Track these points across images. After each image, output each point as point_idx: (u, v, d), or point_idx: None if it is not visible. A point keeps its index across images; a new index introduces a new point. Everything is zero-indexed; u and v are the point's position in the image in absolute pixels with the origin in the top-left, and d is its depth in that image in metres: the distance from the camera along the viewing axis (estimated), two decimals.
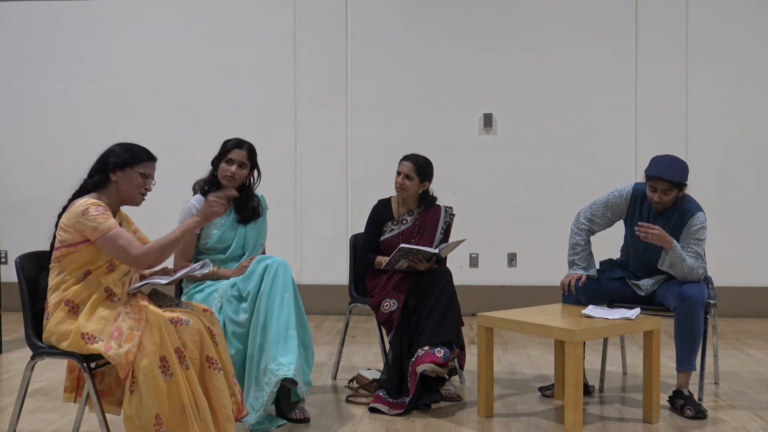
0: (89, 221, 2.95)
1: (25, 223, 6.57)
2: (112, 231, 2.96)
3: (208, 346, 3.03)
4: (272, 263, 3.59)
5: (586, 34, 6.52)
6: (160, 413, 2.85)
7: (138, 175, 3.10)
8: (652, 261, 4.01)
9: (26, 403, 3.66)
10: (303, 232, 6.70)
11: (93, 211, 2.96)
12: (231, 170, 3.79)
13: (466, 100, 6.60)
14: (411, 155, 4.24)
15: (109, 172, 3.08)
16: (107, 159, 3.09)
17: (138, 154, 3.12)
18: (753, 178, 6.45)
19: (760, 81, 6.44)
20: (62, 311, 2.98)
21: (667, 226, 3.93)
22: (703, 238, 3.91)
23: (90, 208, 2.96)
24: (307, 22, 6.67)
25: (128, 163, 3.09)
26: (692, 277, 3.86)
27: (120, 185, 3.09)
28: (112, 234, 2.96)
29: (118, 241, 2.96)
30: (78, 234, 2.98)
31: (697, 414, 3.72)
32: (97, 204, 2.99)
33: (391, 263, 4.05)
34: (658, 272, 4.04)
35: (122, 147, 3.13)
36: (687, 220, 3.91)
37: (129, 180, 3.09)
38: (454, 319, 3.95)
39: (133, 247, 2.97)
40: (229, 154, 3.82)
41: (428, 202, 4.27)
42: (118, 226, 2.99)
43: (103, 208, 2.99)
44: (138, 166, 3.10)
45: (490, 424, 3.68)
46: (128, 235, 2.99)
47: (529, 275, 6.55)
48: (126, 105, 6.77)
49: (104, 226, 2.95)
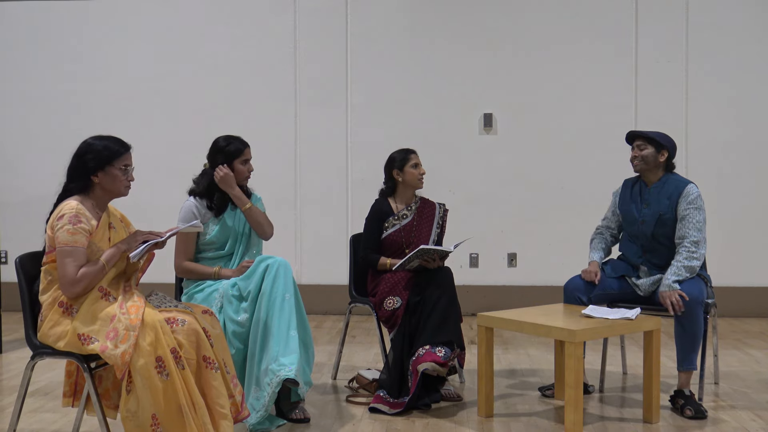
0: (58, 228, 2.96)
1: (25, 223, 6.57)
2: (68, 246, 2.94)
3: (205, 346, 3.03)
4: (273, 263, 3.59)
5: (586, 34, 6.52)
6: (156, 413, 2.85)
7: (119, 171, 3.09)
8: (647, 234, 4.04)
9: (26, 403, 3.66)
10: (303, 232, 6.70)
11: (66, 221, 2.95)
12: (251, 170, 3.89)
13: (466, 100, 6.60)
14: (412, 149, 4.34)
15: (91, 176, 3.07)
16: (85, 162, 3.05)
17: (114, 149, 3.08)
18: (753, 178, 6.45)
19: (760, 81, 6.43)
20: (56, 313, 2.98)
21: (659, 198, 4.00)
22: (702, 206, 3.96)
23: (66, 216, 2.96)
24: (307, 22, 6.67)
25: (107, 162, 3.06)
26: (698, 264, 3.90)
27: (104, 185, 3.08)
28: (66, 249, 2.94)
29: (65, 258, 2.94)
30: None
31: (697, 414, 3.72)
32: (77, 213, 2.98)
33: (404, 264, 4.04)
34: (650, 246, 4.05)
35: (97, 145, 3.08)
36: (681, 189, 3.97)
37: (112, 178, 3.08)
38: (454, 318, 3.96)
39: (71, 271, 2.93)
40: (244, 155, 3.85)
41: (422, 196, 4.40)
42: (76, 245, 2.95)
43: (80, 218, 2.97)
44: (117, 161, 3.08)
45: (490, 424, 3.68)
46: (79, 258, 2.95)
47: (529, 275, 6.55)
48: (126, 105, 6.78)
49: (65, 238, 2.94)
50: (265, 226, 3.91)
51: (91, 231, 3.01)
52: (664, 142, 4.01)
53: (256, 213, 3.86)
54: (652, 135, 4.01)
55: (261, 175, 4.66)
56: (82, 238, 2.97)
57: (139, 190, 6.49)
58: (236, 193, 3.81)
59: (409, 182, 4.28)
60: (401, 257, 4.17)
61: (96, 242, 3.04)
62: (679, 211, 3.95)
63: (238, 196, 3.82)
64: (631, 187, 4.18)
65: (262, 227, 3.89)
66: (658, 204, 4.00)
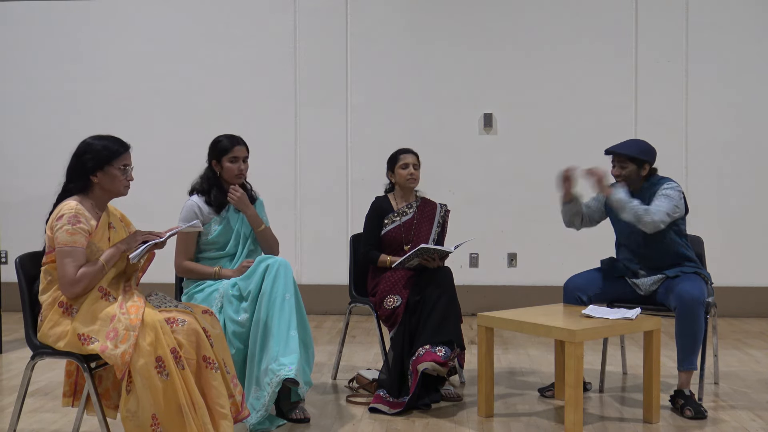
0: (57, 228, 2.96)
1: (25, 223, 6.56)
2: (68, 247, 2.94)
3: (205, 346, 3.03)
4: (273, 263, 3.59)
5: (586, 34, 6.52)
6: (156, 413, 2.85)
7: (118, 170, 3.08)
8: (639, 242, 4.04)
9: (26, 403, 3.66)
10: (303, 232, 6.70)
11: (65, 222, 2.95)
12: (241, 168, 3.85)
13: (466, 100, 6.60)
14: (406, 149, 4.35)
15: (90, 176, 3.06)
16: (84, 162, 3.05)
17: (113, 149, 3.08)
18: (753, 178, 6.45)
19: (760, 81, 6.43)
20: (56, 313, 2.98)
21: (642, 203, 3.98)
22: (671, 195, 3.89)
23: (65, 217, 2.96)
24: (307, 22, 6.67)
25: (106, 162, 3.06)
26: (646, 219, 3.82)
27: (103, 185, 3.08)
28: (65, 249, 2.94)
29: (64, 258, 2.94)
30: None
31: (697, 414, 3.72)
32: (76, 214, 2.98)
33: (404, 262, 4.05)
34: (648, 254, 4.04)
35: (96, 145, 3.08)
36: (659, 188, 3.96)
37: (111, 178, 3.08)
38: (454, 318, 3.96)
39: (70, 271, 2.93)
40: (232, 152, 3.83)
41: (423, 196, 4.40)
42: (75, 245, 2.95)
43: (79, 218, 2.97)
44: (116, 161, 3.07)
45: (490, 424, 3.68)
46: (78, 258, 2.95)
47: (529, 275, 6.55)
48: (126, 105, 6.78)
49: (64, 239, 2.94)
50: (274, 246, 3.96)
51: (90, 231, 3.01)
52: (645, 157, 3.97)
53: (267, 234, 3.92)
54: (633, 153, 3.96)
55: (261, 175, 4.66)
56: (81, 239, 2.97)
57: (139, 190, 6.49)
58: (251, 213, 3.85)
59: (399, 182, 4.31)
60: (400, 255, 4.18)
61: (95, 242, 3.04)
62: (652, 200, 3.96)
63: (253, 217, 3.86)
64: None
65: (271, 248, 3.95)
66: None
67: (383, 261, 4.22)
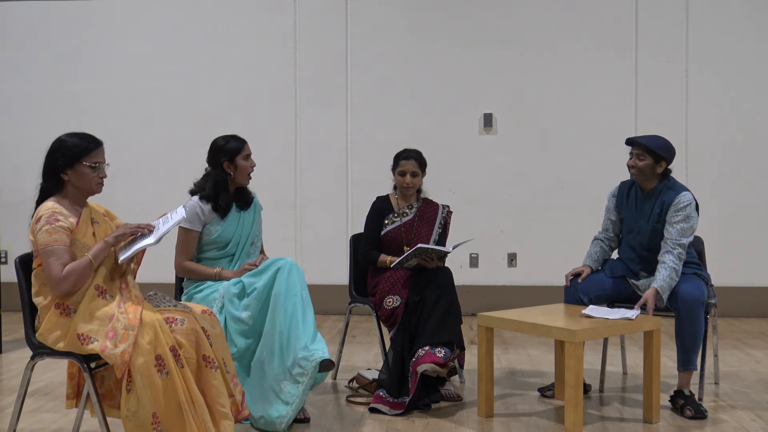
0: (37, 231, 2.95)
1: (25, 223, 6.52)
2: (49, 247, 2.93)
3: (205, 345, 3.03)
4: (284, 264, 3.60)
5: (586, 34, 6.52)
6: (157, 411, 2.85)
7: (88, 168, 3.05)
8: (643, 243, 4.04)
9: (26, 403, 3.66)
10: (303, 232, 6.70)
11: (44, 222, 2.95)
12: (253, 165, 3.91)
13: (466, 100, 6.60)
14: (408, 152, 4.30)
15: (61, 174, 3.05)
16: (55, 160, 3.04)
17: (82, 147, 3.05)
18: (753, 178, 6.45)
19: (760, 81, 6.43)
20: (54, 315, 2.97)
21: (655, 207, 3.98)
22: (691, 215, 3.91)
23: (43, 218, 2.95)
24: (307, 22, 6.67)
25: (75, 160, 3.03)
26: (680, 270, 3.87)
27: (74, 183, 3.06)
28: (47, 250, 2.93)
29: (48, 258, 2.93)
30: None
31: (697, 414, 3.72)
32: (53, 213, 2.97)
33: (402, 262, 4.05)
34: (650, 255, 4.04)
35: (67, 142, 3.06)
36: (674, 198, 3.95)
37: (80, 176, 3.05)
38: (454, 319, 3.96)
39: (56, 270, 2.91)
40: (245, 150, 3.88)
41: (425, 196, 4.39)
42: (56, 243, 2.94)
43: (57, 217, 2.96)
44: (85, 158, 3.04)
45: (490, 424, 3.68)
46: (62, 256, 2.93)
47: (529, 275, 6.55)
48: (126, 105, 6.78)
49: (44, 239, 2.93)
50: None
51: (71, 228, 2.99)
52: (664, 154, 3.97)
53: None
54: (653, 146, 3.96)
55: (261, 175, 4.66)
56: (62, 236, 2.95)
57: (138, 189, 6.53)
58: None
59: (398, 186, 4.31)
60: (400, 255, 4.17)
61: (79, 239, 3.02)
62: (668, 218, 3.94)
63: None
64: (627, 191, 4.15)
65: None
66: (652, 214, 3.99)
67: (383, 261, 4.22)
